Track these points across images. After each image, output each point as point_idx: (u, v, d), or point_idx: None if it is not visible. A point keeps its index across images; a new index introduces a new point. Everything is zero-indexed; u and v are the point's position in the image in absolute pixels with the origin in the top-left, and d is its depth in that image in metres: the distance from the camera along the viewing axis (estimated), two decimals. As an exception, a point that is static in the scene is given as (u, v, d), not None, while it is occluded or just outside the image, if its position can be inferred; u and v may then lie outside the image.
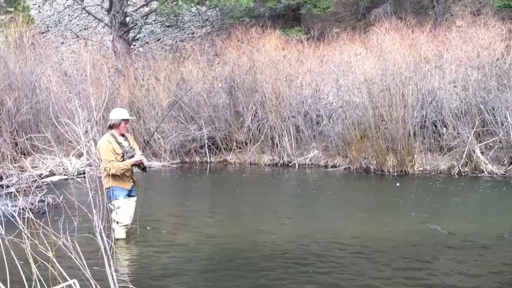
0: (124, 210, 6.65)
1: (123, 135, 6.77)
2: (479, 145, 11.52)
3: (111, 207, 6.48)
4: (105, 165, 6.43)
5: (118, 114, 6.73)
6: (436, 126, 12.35)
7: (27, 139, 14.21)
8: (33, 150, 14.39)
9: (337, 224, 7.82)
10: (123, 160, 6.55)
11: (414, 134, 12.09)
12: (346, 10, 20.11)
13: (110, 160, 6.45)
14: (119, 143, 6.61)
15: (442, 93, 12.37)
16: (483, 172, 11.19)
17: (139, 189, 7.03)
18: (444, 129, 12.16)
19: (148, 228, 7.34)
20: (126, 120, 6.75)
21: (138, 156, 6.63)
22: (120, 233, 6.66)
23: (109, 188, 6.50)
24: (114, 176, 6.50)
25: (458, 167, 11.43)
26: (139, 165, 6.73)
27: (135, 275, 5.44)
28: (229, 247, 6.67)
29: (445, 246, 6.42)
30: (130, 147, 6.66)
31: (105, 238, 3.67)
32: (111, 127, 6.69)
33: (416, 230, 7.25)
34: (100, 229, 3.67)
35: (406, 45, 12.58)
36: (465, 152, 11.38)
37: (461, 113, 11.88)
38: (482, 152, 11.53)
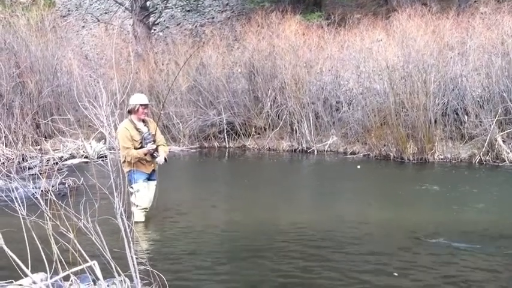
0: (143, 193, 6.69)
1: (143, 121, 6.78)
2: (501, 134, 11.34)
3: (131, 190, 6.52)
4: (123, 152, 6.48)
5: (135, 99, 6.75)
6: (457, 114, 12.17)
7: (48, 122, 14.36)
8: (54, 133, 14.55)
9: (355, 211, 7.77)
10: (141, 146, 6.58)
11: (435, 121, 11.94)
12: (367, -5, 19.87)
13: (127, 147, 6.49)
14: (137, 129, 6.63)
15: (464, 81, 12.19)
16: (504, 161, 11.01)
17: (161, 173, 7.03)
18: (466, 117, 11.99)
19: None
20: (145, 106, 6.76)
21: (149, 146, 6.61)
22: (139, 216, 6.71)
23: (129, 171, 6.54)
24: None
25: (480, 156, 11.27)
26: (152, 154, 6.72)
27: (154, 258, 5.48)
28: (247, 231, 6.68)
29: (463, 236, 6.35)
30: (149, 134, 6.66)
31: (125, 220, 3.70)
32: (129, 112, 6.73)
33: (435, 218, 7.18)
34: (121, 211, 3.69)
35: (429, 31, 12.38)
36: (487, 141, 11.22)
37: (484, 100, 11.70)
38: (504, 141, 11.34)
